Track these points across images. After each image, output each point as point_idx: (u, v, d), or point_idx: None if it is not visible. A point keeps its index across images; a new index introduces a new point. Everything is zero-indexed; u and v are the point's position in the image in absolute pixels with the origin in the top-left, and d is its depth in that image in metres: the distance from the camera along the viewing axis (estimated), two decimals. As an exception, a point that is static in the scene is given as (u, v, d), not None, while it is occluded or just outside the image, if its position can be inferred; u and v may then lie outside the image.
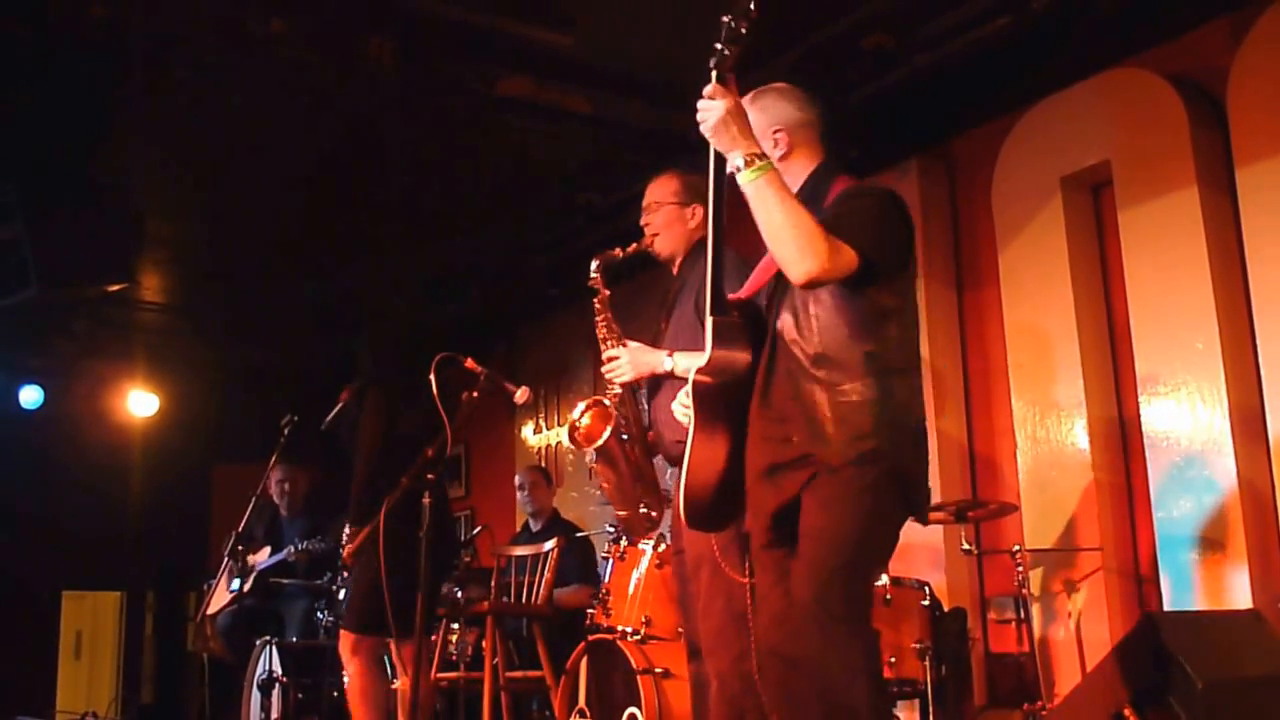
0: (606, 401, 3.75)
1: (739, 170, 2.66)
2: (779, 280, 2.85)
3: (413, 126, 6.19)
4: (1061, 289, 5.32)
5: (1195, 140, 4.91)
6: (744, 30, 2.64)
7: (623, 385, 3.71)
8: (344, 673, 5.08)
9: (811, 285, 2.69)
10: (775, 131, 2.97)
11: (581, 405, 3.86)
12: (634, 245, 3.80)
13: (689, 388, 2.85)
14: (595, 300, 3.80)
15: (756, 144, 2.68)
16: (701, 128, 2.69)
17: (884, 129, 5.88)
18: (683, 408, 2.95)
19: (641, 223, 3.84)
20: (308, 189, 6.87)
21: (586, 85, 5.79)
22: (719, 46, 2.66)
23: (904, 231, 2.83)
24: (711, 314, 2.80)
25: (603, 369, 3.76)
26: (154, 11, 5.04)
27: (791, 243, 2.62)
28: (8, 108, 5.56)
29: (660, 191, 3.84)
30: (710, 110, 2.67)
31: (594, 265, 3.77)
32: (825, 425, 2.70)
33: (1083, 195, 5.47)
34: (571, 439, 3.86)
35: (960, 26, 5.05)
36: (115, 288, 6.98)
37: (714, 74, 2.68)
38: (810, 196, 2.85)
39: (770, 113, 2.99)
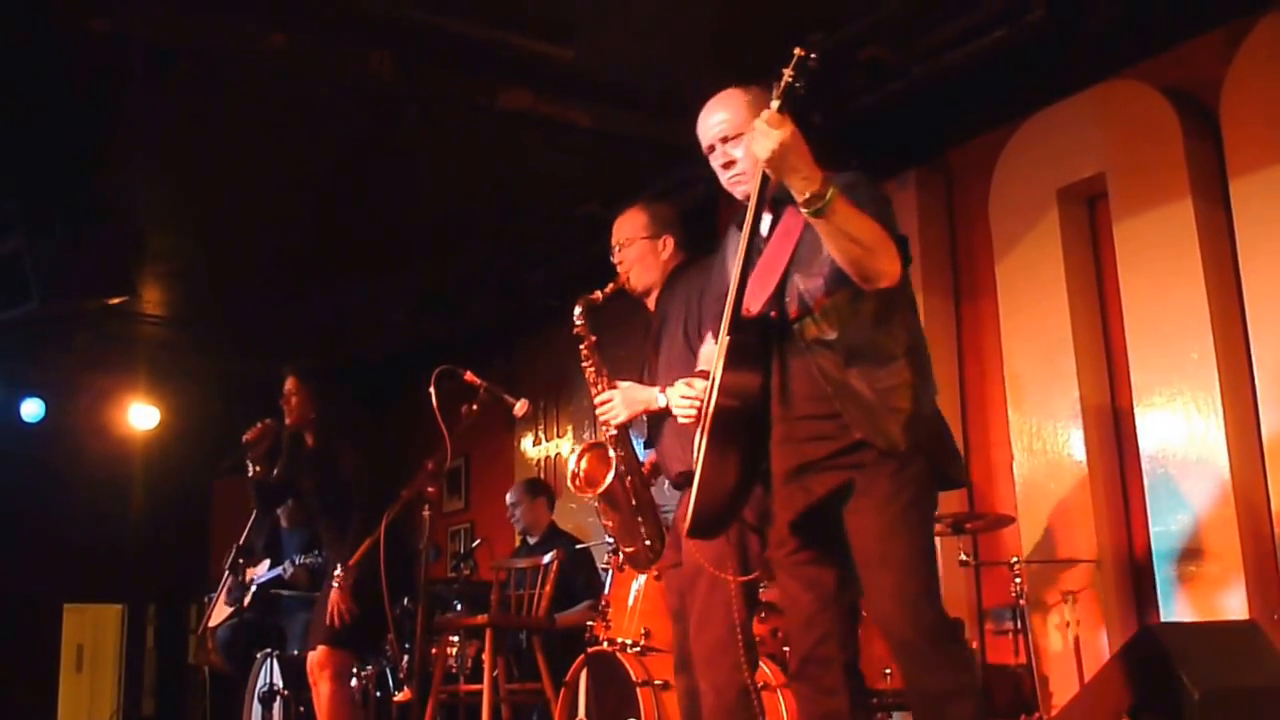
0: (604, 444, 3.74)
1: (804, 208, 2.61)
2: (785, 284, 2.84)
3: (413, 139, 6.21)
4: (1058, 300, 5.34)
5: (1189, 152, 4.94)
6: (814, 66, 2.62)
7: (618, 426, 3.70)
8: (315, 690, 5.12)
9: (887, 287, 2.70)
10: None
11: (576, 450, 3.87)
12: (611, 285, 3.79)
13: (678, 395, 2.89)
14: (582, 346, 3.79)
15: (817, 172, 2.61)
16: (755, 149, 2.64)
17: (881, 140, 5.91)
18: (683, 401, 2.97)
19: (614, 260, 3.85)
20: (308, 202, 6.90)
21: (586, 98, 5.83)
22: (790, 78, 2.61)
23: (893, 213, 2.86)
24: (729, 333, 2.78)
25: (597, 412, 3.75)
26: (155, 26, 5.07)
27: (877, 260, 2.65)
28: (10, 122, 5.59)
29: (629, 228, 3.84)
30: (768, 138, 2.59)
31: (577, 312, 3.77)
32: (876, 413, 2.72)
33: (1078, 207, 5.50)
34: (573, 485, 3.86)
35: (957, 39, 5.08)
36: (116, 301, 7.01)
37: (776, 104, 2.61)
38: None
39: (759, 105, 2.90)
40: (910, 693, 2.75)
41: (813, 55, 2.62)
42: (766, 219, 2.94)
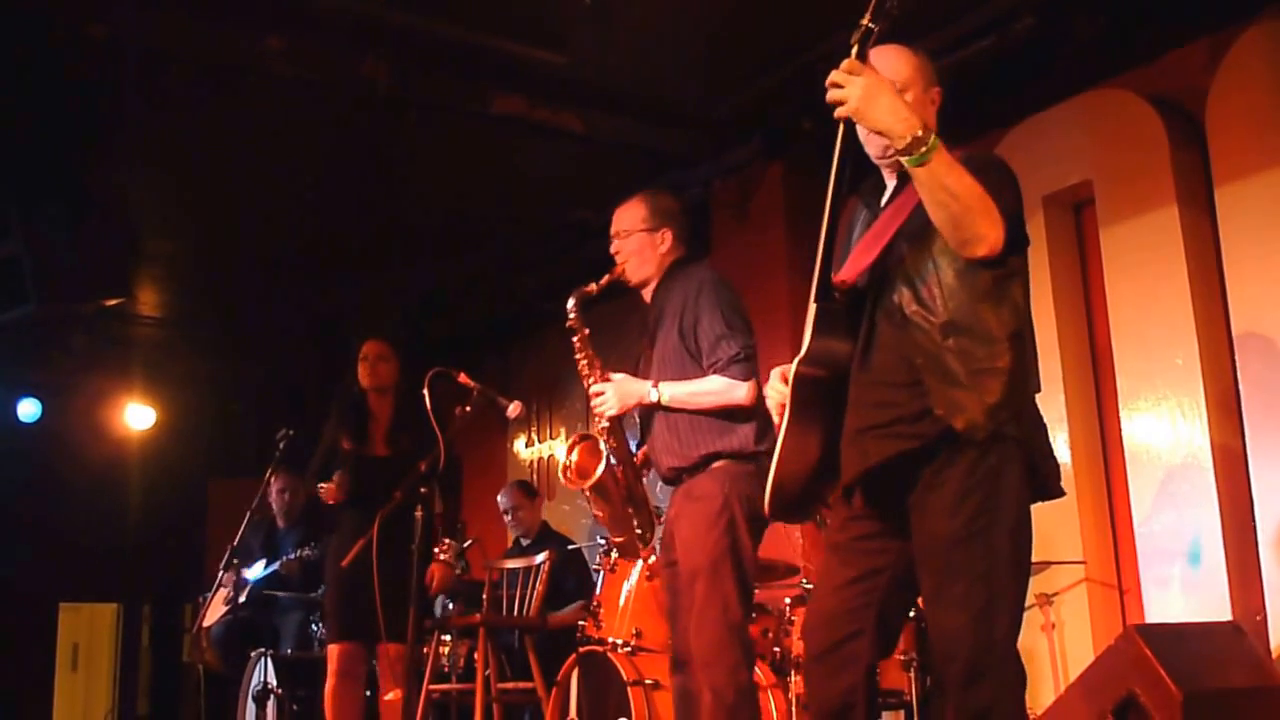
0: (595, 436, 3.78)
1: (904, 155, 2.42)
2: (889, 252, 2.66)
3: (407, 144, 6.25)
4: (1044, 305, 5.37)
5: (1175, 159, 4.98)
6: (895, 10, 2.43)
7: (610, 419, 3.73)
8: (386, 692, 5.08)
9: (984, 260, 2.51)
10: (933, 90, 2.78)
11: (568, 443, 3.90)
12: (607, 277, 3.81)
13: (789, 376, 2.67)
14: (575, 339, 3.80)
15: (916, 119, 2.42)
16: (839, 111, 2.45)
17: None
18: (776, 392, 2.75)
19: (611, 250, 3.86)
20: (303, 205, 6.93)
21: (578, 104, 5.87)
22: (865, 22, 2.43)
23: (1021, 199, 2.67)
24: (815, 300, 2.64)
25: (592, 404, 3.78)
26: (152, 30, 5.10)
27: (975, 221, 2.46)
28: (8, 125, 5.62)
29: (629, 218, 3.85)
30: (850, 88, 2.42)
31: (570, 304, 3.77)
32: (962, 392, 2.52)
33: (1065, 213, 5.54)
34: (564, 478, 3.89)
35: (944, 48, 5.10)
36: (112, 303, 7.04)
37: (854, 50, 2.43)
38: None
39: (929, 72, 2.79)
40: (952, 710, 2.51)
41: (870, 29, 2.43)
42: (889, 188, 2.78)
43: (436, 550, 4.80)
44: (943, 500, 2.53)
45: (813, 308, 2.65)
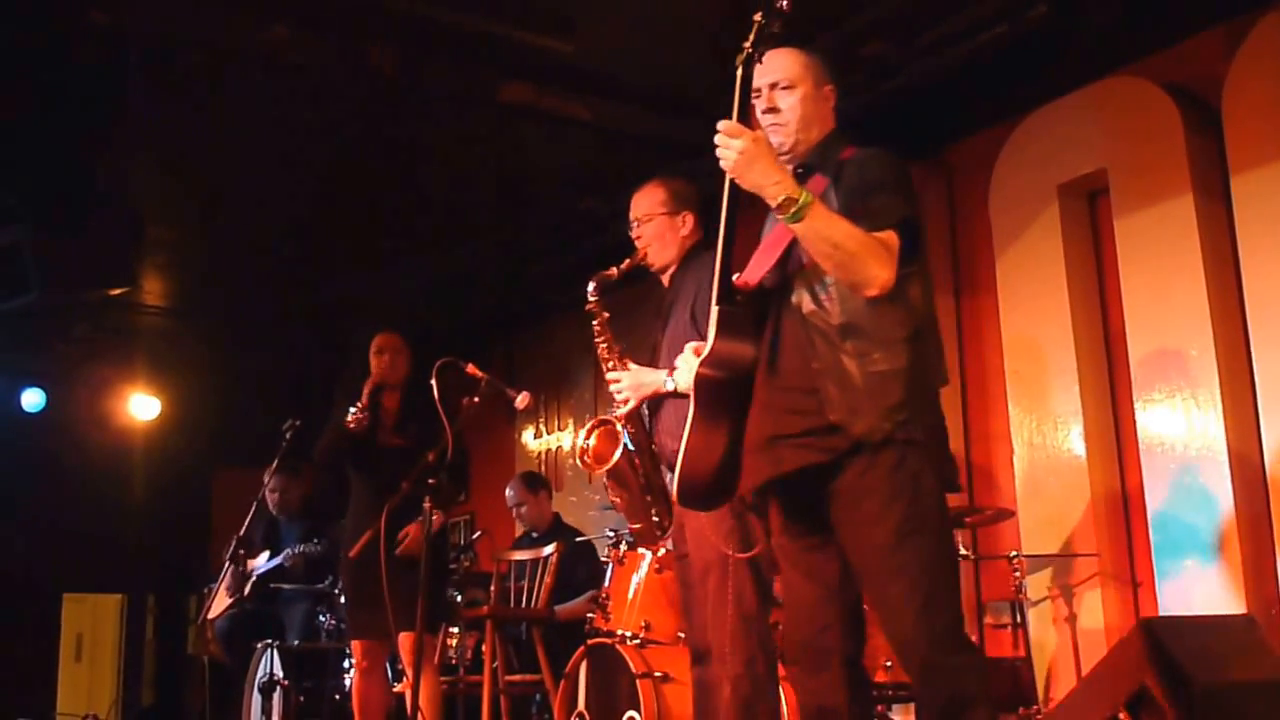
0: (613, 421, 3.77)
1: (779, 214, 2.55)
2: (789, 255, 2.75)
3: (414, 133, 6.22)
4: (1058, 296, 5.35)
5: (1190, 148, 4.94)
6: (776, 30, 2.57)
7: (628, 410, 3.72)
8: (414, 680, 5.02)
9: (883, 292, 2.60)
10: (826, 87, 2.92)
11: (586, 427, 3.88)
12: (628, 261, 3.81)
13: (689, 373, 2.80)
14: (594, 323, 3.80)
15: (789, 179, 2.57)
16: (721, 163, 2.60)
17: (882, 136, 5.90)
18: (685, 364, 2.91)
19: (632, 236, 3.85)
20: (309, 194, 6.90)
21: (587, 92, 5.83)
22: (748, 46, 2.58)
23: (914, 192, 2.77)
24: (717, 303, 2.72)
25: (610, 389, 3.78)
26: (156, 18, 5.07)
27: (861, 267, 2.57)
28: (10, 113, 5.58)
29: (648, 203, 3.85)
30: (729, 149, 2.57)
31: (591, 288, 3.78)
32: (859, 397, 2.61)
33: (1079, 202, 5.50)
34: (581, 462, 3.88)
35: (958, 35, 5.08)
36: (117, 292, 7.01)
37: (739, 70, 2.59)
38: (821, 159, 2.83)
39: (821, 70, 2.93)
40: (921, 706, 2.64)
41: (768, 19, 2.57)
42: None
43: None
44: (868, 512, 2.61)
45: (714, 311, 2.73)
